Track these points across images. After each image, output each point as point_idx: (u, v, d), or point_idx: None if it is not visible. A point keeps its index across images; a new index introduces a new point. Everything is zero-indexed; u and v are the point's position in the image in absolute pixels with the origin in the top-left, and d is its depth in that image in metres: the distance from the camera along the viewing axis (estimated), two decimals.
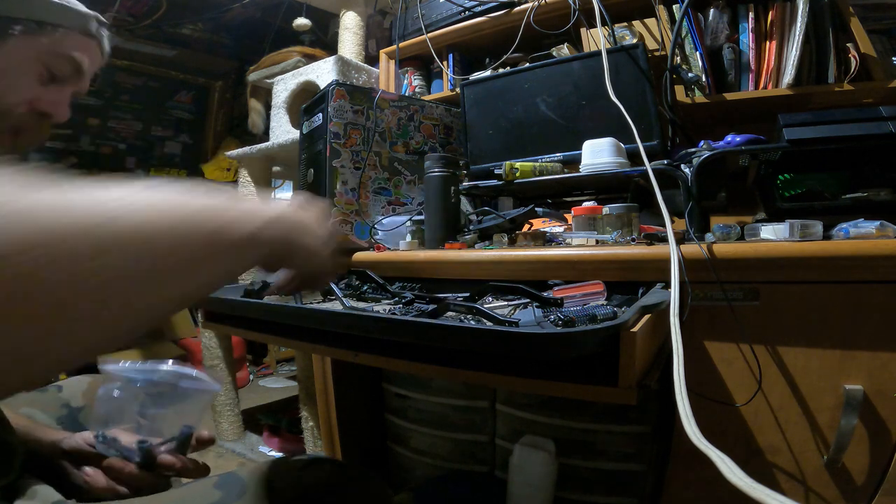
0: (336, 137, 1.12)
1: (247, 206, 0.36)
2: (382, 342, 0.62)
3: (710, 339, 0.73)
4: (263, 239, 0.36)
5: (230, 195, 0.34)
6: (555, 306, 0.64)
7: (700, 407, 0.50)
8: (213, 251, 0.31)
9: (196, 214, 0.30)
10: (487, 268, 0.86)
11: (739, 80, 1.13)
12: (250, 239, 0.34)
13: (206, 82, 3.14)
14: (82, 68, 0.66)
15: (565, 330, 0.48)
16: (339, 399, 1.23)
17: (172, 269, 0.28)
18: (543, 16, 1.36)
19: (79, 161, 2.70)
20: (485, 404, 1.12)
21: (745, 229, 0.78)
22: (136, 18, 2.48)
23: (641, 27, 1.25)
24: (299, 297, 0.85)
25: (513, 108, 1.22)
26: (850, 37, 1.07)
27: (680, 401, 0.42)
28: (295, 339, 0.74)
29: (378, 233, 1.12)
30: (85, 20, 0.67)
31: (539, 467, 0.96)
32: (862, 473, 0.66)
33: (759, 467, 0.71)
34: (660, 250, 0.72)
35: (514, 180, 1.05)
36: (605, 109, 1.04)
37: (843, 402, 0.65)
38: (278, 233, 0.38)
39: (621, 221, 0.89)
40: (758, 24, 1.10)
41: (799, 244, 0.66)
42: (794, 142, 0.78)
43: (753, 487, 0.29)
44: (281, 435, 1.91)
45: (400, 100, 1.25)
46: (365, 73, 1.77)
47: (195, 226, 0.30)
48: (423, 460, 1.21)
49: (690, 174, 0.83)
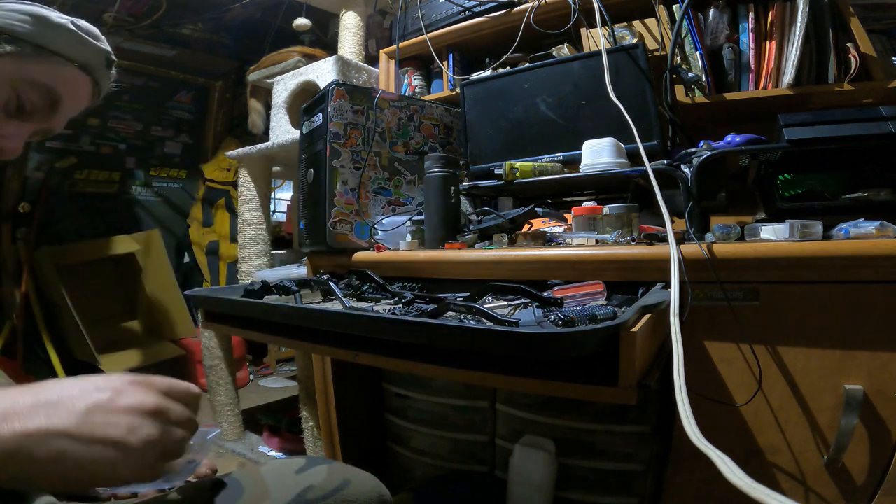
0: (336, 137, 1.12)
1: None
2: (382, 342, 0.62)
3: (710, 339, 0.73)
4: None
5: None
6: (555, 306, 0.64)
7: (700, 407, 0.50)
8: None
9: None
10: (487, 268, 0.86)
11: (739, 80, 1.13)
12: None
13: (206, 82, 3.13)
14: (59, 105, 0.60)
15: (565, 330, 0.48)
16: (339, 399, 1.23)
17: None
18: (543, 16, 1.36)
19: (79, 161, 2.70)
20: (485, 404, 1.12)
21: (745, 229, 0.78)
22: (136, 18, 2.48)
23: (641, 27, 1.25)
24: (299, 297, 0.85)
25: (513, 108, 1.22)
26: (850, 37, 1.07)
27: (680, 401, 0.42)
28: (295, 339, 0.74)
29: (378, 233, 1.12)
30: (92, 56, 0.62)
31: (539, 467, 0.96)
32: (862, 473, 0.66)
33: (759, 467, 0.71)
34: (660, 250, 0.72)
35: (514, 180, 1.05)
36: (605, 109, 1.04)
37: (843, 402, 0.65)
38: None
39: (621, 221, 0.89)
40: (758, 24, 1.10)
41: (799, 244, 0.66)
42: (794, 142, 0.78)
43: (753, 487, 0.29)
44: (281, 435, 1.91)
45: (400, 100, 1.25)
46: (365, 73, 1.77)
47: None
48: (423, 460, 1.21)
49: (690, 174, 0.83)
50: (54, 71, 0.59)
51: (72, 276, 2.47)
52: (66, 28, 0.59)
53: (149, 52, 2.73)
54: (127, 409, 0.38)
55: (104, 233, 2.72)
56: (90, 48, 0.62)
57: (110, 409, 0.38)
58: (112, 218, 2.84)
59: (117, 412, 0.38)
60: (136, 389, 0.40)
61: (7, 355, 2.27)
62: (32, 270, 2.41)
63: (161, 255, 2.83)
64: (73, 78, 0.61)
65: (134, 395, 0.39)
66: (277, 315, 0.74)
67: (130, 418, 0.38)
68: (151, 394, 0.41)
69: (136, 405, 0.39)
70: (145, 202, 3.05)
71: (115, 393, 0.39)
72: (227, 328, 0.92)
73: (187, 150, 3.19)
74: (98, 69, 0.64)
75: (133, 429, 0.38)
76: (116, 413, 0.38)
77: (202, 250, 3.14)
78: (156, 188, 3.09)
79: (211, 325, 0.94)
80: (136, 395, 0.39)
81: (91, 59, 0.62)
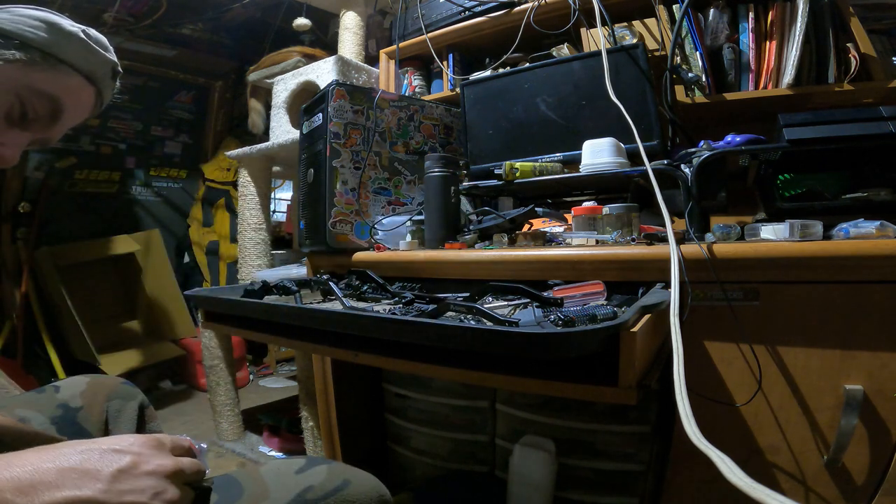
0: (336, 137, 1.12)
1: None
2: (382, 342, 0.62)
3: (710, 339, 0.73)
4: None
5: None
6: (555, 306, 0.64)
7: (700, 407, 0.50)
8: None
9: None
10: (487, 268, 0.86)
11: (739, 80, 1.13)
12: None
13: (206, 82, 3.14)
14: (60, 116, 0.60)
15: (565, 330, 0.48)
16: (339, 399, 1.23)
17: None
18: (543, 16, 1.36)
19: (79, 161, 2.70)
20: (485, 404, 1.12)
21: (745, 229, 0.78)
22: (136, 18, 2.48)
23: (641, 27, 1.25)
24: (299, 297, 0.85)
25: (513, 108, 1.22)
26: (850, 37, 1.07)
27: (680, 401, 0.42)
28: (295, 339, 0.74)
29: (378, 233, 1.12)
30: (99, 66, 0.61)
31: (539, 467, 0.96)
32: (862, 473, 0.66)
33: (759, 467, 0.71)
34: (660, 250, 0.72)
35: (514, 180, 1.05)
36: (605, 109, 1.04)
37: (843, 402, 0.65)
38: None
39: (621, 221, 0.89)
40: (758, 24, 1.10)
41: (799, 244, 0.66)
42: (794, 142, 0.78)
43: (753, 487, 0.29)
44: (281, 435, 1.91)
45: (400, 100, 1.25)
46: (365, 73, 1.77)
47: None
48: (423, 460, 1.21)
49: (690, 174, 0.83)
50: (60, 80, 0.58)
51: (72, 276, 2.47)
52: (77, 37, 0.59)
53: (149, 52, 2.73)
54: (149, 473, 0.40)
55: (104, 233, 2.72)
56: (98, 58, 0.61)
57: (135, 475, 0.40)
58: (112, 218, 2.85)
59: (141, 477, 0.40)
60: (154, 453, 0.42)
61: (7, 355, 2.27)
62: (32, 270, 2.42)
63: (161, 255, 2.83)
64: (77, 87, 0.60)
65: (154, 459, 0.42)
66: (277, 315, 0.74)
67: (154, 482, 0.40)
68: (168, 456, 0.43)
69: (158, 469, 0.41)
70: (145, 202, 3.05)
71: (136, 457, 0.41)
72: (227, 328, 0.92)
73: (187, 150, 3.19)
74: (103, 80, 0.63)
75: (157, 493, 0.40)
76: (140, 478, 0.40)
77: (202, 250, 3.14)
78: (156, 188, 3.10)
79: (211, 325, 0.94)
80: (156, 459, 0.42)
81: (98, 69, 0.62)
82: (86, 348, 2.29)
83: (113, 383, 0.80)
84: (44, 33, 0.56)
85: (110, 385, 0.79)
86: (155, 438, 0.44)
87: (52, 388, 0.75)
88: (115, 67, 0.64)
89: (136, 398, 0.80)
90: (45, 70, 0.56)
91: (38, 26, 0.56)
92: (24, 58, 0.55)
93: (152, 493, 0.40)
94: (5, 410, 0.68)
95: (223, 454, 1.89)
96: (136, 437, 0.43)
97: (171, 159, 3.14)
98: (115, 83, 0.66)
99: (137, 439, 0.43)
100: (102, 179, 2.84)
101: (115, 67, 0.64)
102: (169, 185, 3.16)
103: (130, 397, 0.79)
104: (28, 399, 0.73)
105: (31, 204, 2.48)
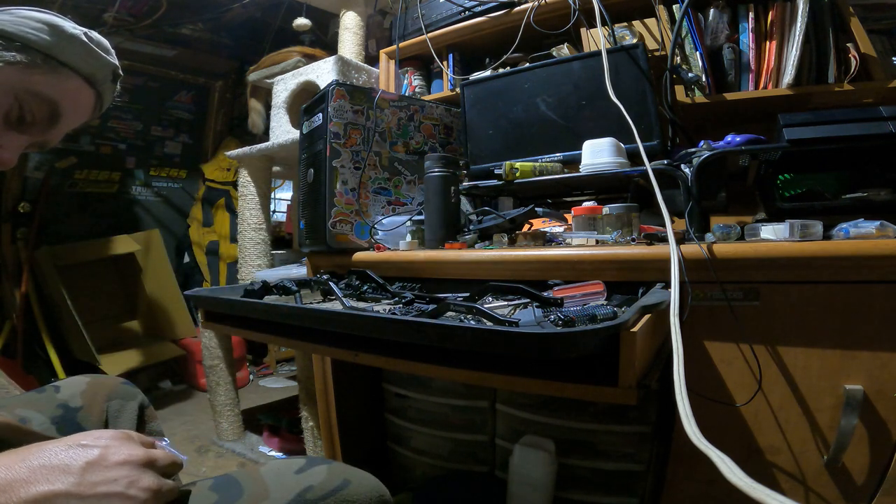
0: (336, 137, 1.12)
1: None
2: (382, 342, 0.62)
3: (710, 339, 0.73)
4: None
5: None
6: (555, 306, 0.64)
7: (700, 407, 0.50)
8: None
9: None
10: (487, 268, 0.86)
11: (739, 80, 1.13)
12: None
13: (206, 82, 3.14)
14: (59, 119, 0.59)
15: (565, 330, 0.48)
16: (339, 399, 1.23)
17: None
18: (543, 16, 1.36)
19: (79, 161, 2.70)
20: (485, 404, 1.12)
21: (745, 229, 0.78)
22: (136, 18, 2.48)
23: (641, 27, 1.25)
24: (299, 297, 0.85)
25: (513, 108, 1.22)
26: (850, 37, 1.07)
27: (680, 401, 0.42)
28: (295, 339, 0.74)
29: (378, 233, 1.12)
30: (100, 69, 0.61)
31: (539, 467, 0.96)
32: (862, 473, 0.66)
33: (759, 467, 0.71)
34: (660, 250, 0.72)
35: (514, 180, 1.05)
36: (605, 109, 1.04)
37: (843, 402, 0.65)
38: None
39: (621, 221, 0.89)
40: (758, 24, 1.10)
41: (799, 244, 0.66)
42: (794, 142, 0.78)
43: (753, 487, 0.29)
44: (281, 435, 1.91)
45: (400, 100, 1.25)
46: (365, 73, 1.77)
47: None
48: (423, 460, 1.21)
49: (690, 174, 0.83)
50: (60, 83, 0.58)
51: (72, 276, 2.47)
52: (79, 39, 0.59)
53: (149, 52, 2.73)
54: (120, 463, 0.40)
55: (104, 233, 2.72)
56: (99, 61, 0.61)
57: (105, 466, 0.40)
58: (112, 218, 2.85)
59: (112, 467, 0.40)
60: (122, 444, 0.42)
61: (7, 355, 2.27)
62: (32, 270, 2.41)
63: (161, 255, 2.83)
64: (77, 90, 0.60)
65: (122, 448, 0.41)
66: (277, 315, 0.74)
67: (126, 471, 0.40)
68: (137, 446, 0.43)
69: (128, 459, 0.41)
70: (145, 202, 3.05)
71: (104, 450, 0.41)
72: (227, 328, 0.92)
73: (187, 150, 3.19)
74: (104, 83, 0.63)
75: (132, 482, 0.40)
76: (111, 468, 0.40)
77: (202, 250, 3.14)
78: (156, 188, 3.09)
79: (211, 325, 0.94)
80: (124, 448, 0.41)
81: (98, 72, 0.61)
82: (86, 348, 2.29)
83: (113, 383, 0.79)
84: (46, 35, 0.56)
85: (110, 385, 0.79)
86: (122, 431, 0.44)
87: (53, 387, 0.75)
88: (116, 70, 0.64)
89: (136, 398, 0.80)
90: (46, 73, 0.56)
91: (40, 28, 0.56)
92: (25, 60, 0.54)
93: (126, 483, 0.39)
94: (5, 410, 0.68)
95: (223, 454, 1.89)
96: (104, 431, 0.43)
97: (171, 159, 3.14)
98: (115, 86, 0.66)
99: (104, 433, 0.43)
100: (102, 179, 2.84)
101: (116, 70, 0.64)
102: (169, 185, 3.15)
103: (130, 397, 0.79)
104: (28, 399, 0.73)
105: (31, 204, 2.48)
